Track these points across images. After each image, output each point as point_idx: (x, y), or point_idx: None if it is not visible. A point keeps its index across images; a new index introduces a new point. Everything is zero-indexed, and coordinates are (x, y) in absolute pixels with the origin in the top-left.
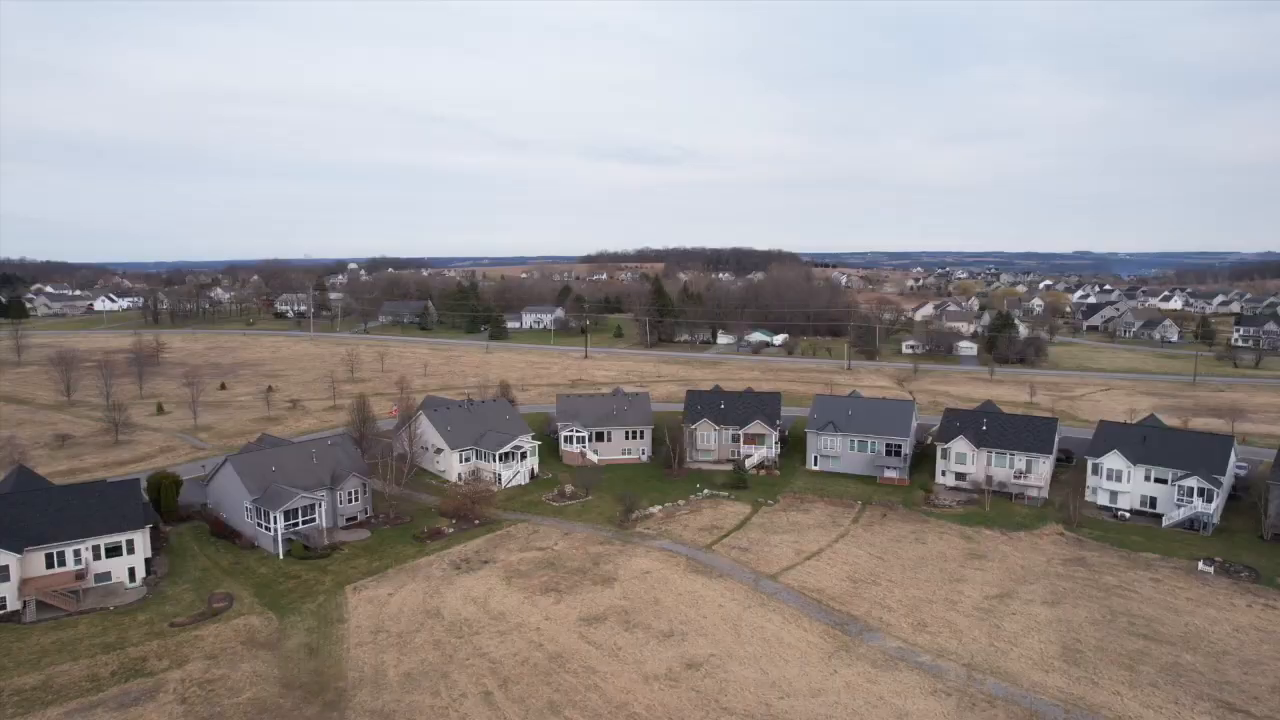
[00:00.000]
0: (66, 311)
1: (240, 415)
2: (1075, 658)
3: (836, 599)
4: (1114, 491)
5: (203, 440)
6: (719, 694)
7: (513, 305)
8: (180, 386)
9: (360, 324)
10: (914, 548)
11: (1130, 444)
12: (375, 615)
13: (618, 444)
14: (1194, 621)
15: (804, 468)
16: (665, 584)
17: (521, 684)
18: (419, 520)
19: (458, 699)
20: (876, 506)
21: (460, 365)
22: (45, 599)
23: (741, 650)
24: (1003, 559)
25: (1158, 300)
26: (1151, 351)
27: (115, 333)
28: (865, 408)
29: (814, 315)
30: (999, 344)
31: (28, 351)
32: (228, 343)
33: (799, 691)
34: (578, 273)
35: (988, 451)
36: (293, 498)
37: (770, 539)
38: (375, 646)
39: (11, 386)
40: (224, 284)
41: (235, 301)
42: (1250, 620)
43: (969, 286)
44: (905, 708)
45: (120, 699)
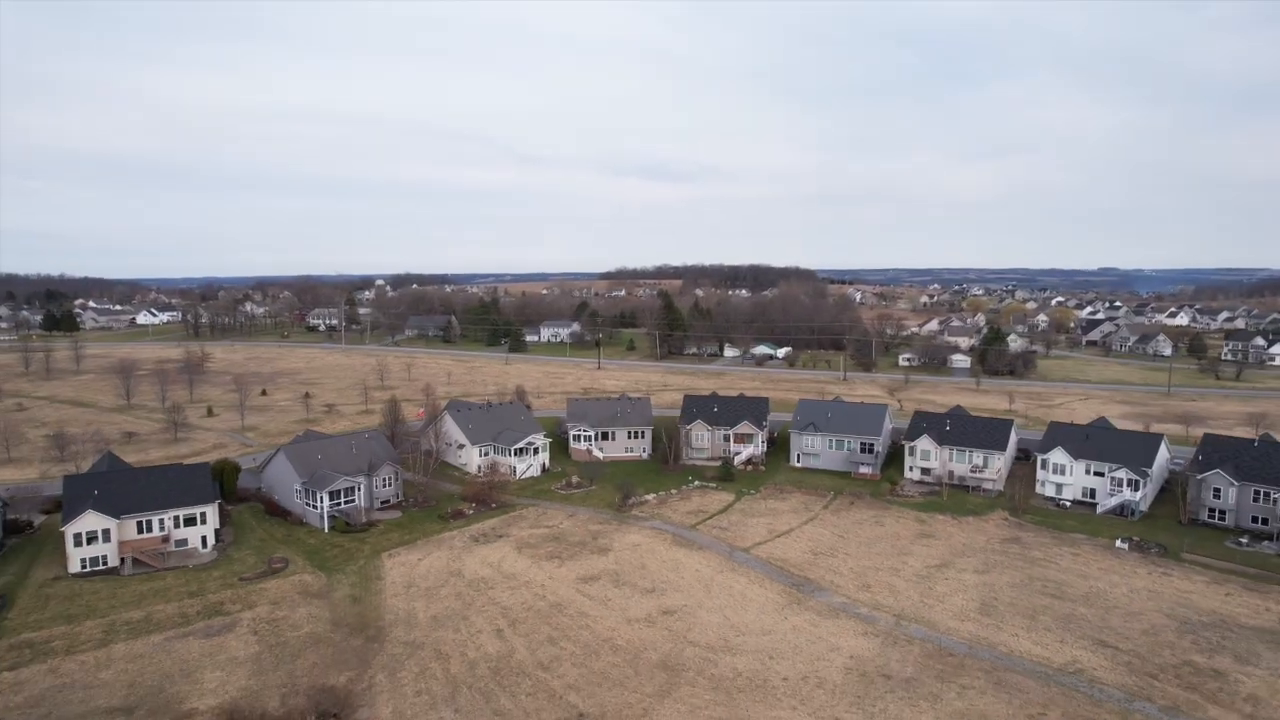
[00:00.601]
0: (112, 325)
1: (282, 417)
2: (989, 610)
3: (797, 567)
4: (1059, 484)
5: (250, 438)
6: (687, 632)
7: (532, 320)
8: (225, 392)
9: (388, 337)
10: (872, 529)
11: (1073, 442)
12: (407, 574)
13: (621, 443)
14: (1097, 585)
15: (787, 464)
16: (652, 553)
17: (527, 624)
18: (443, 504)
19: (475, 634)
20: (846, 496)
21: (481, 375)
22: (138, 557)
23: (710, 602)
24: (948, 538)
25: (1164, 316)
26: (1142, 365)
27: (161, 344)
28: (843, 411)
29: (817, 330)
30: (989, 357)
31: (84, 361)
32: (265, 354)
33: (752, 631)
34: (597, 289)
35: (949, 449)
36: (336, 481)
37: (748, 521)
38: (407, 597)
39: (75, 392)
40: (255, 299)
41: (269, 315)
42: (1146, 584)
43: (980, 303)
44: (838, 644)
45: (206, 630)
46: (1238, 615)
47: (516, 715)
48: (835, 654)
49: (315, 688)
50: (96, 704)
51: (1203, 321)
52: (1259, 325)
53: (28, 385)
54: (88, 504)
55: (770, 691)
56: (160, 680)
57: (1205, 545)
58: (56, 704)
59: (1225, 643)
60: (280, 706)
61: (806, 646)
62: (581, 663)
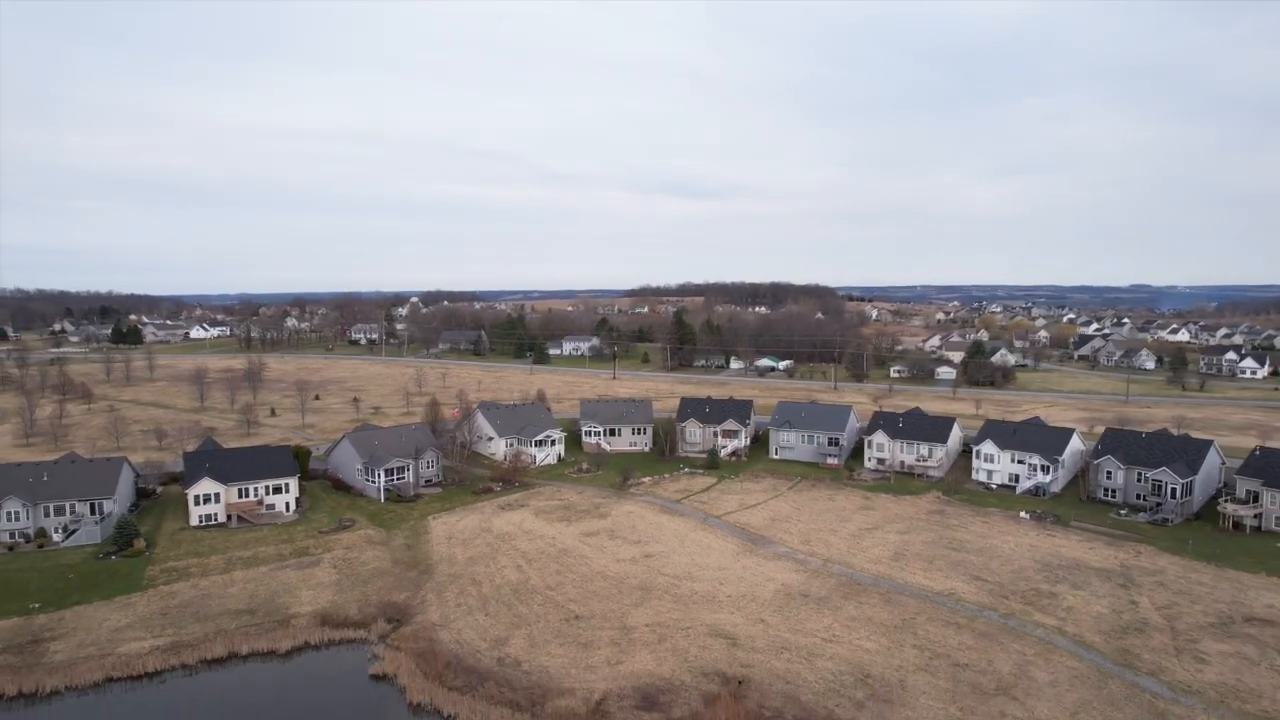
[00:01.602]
0: (169, 339)
1: (335, 417)
2: (898, 558)
3: (755, 528)
4: (989, 470)
5: (310, 434)
6: (660, 568)
7: (555, 334)
8: (283, 396)
9: (424, 350)
10: (825, 504)
11: (1002, 435)
12: (448, 530)
13: (625, 438)
14: (991, 542)
15: (767, 456)
16: (641, 518)
17: (539, 562)
18: (475, 483)
19: (500, 568)
20: (810, 480)
21: (507, 383)
22: (241, 515)
23: (681, 550)
24: (885, 510)
25: (1166, 333)
26: (1121, 377)
27: (218, 355)
28: (815, 411)
29: (819, 344)
30: (971, 369)
31: (156, 370)
32: (313, 365)
33: (710, 568)
34: (621, 306)
35: (900, 442)
36: (390, 461)
37: (723, 497)
38: (448, 545)
39: (154, 396)
40: (294, 315)
41: (312, 330)
42: (1030, 542)
43: (992, 321)
44: (774, 576)
45: (298, 565)
46: (1089, 560)
47: (530, 617)
48: (770, 582)
49: (382, 602)
50: (228, 607)
51: (1202, 338)
52: (1253, 342)
53: (113, 391)
54: (203, 473)
55: (716, 603)
56: (270, 594)
57: (1093, 516)
58: (201, 607)
59: (1069, 577)
60: (358, 613)
61: (749, 577)
62: (579, 585)
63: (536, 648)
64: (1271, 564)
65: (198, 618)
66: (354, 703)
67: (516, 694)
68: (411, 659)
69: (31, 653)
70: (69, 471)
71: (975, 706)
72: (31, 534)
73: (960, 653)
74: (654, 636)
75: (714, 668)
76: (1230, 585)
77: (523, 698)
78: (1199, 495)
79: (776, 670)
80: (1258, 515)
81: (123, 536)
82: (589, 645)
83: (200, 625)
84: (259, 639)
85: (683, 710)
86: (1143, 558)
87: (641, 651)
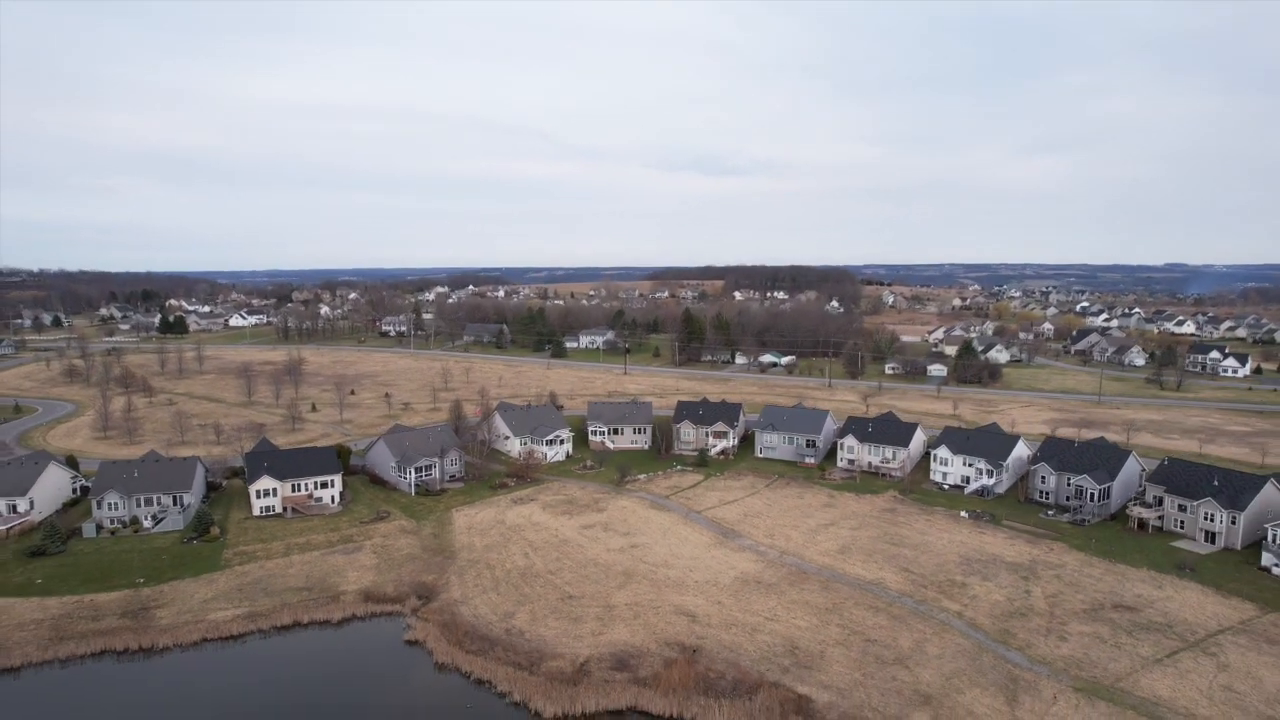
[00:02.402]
0: (211, 327)
1: (369, 413)
2: (844, 551)
3: (729, 523)
4: (944, 472)
5: (348, 429)
6: (643, 557)
7: (573, 327)
8: (322, 391)
9: (449, 342)
10: (794, 501)
11: (956, 440)
12: (468, 522)
13: (627, 436)
14: (928, 538)
15: (752, 455)
16: (633, 513)
17: (543, 551)
18: (493, 478)
19: (510, 555)
20: (785, 479)
21: (526, 379)
22: (294, 507)
23: (663, 541)
24: (844, 507)
25: (1172, 325)
26: (1109, 374)
27: (259, 346)
28: (796, 414)
29: (820, 340)
30: (959, 368)
31: (204, 362)
32: (347, 357)
33: (684, 557)
34: (641, 290)
35: (868, 444)
36: (420, 460)
37: (707, 493)
38: (468, 534)
39: (205, 389)
40: (325, 299)
41: (343, 317)
42: (961, 539)
43: (1005, 309)
44: (736, 565)
45: (343, 549)
46: (1005, 555)
47: (533, 596)
48: (732, 570)
49: (414, 582)
50: (290, 585)
51: (1206, 330)
52: (1255, 335)
53: (168, 383)
54: (263, 471)
55: (685, 587)
56: (323, 575)
57: (1025, 516)
58: (269, 583)
59: (983, 570)
60: (394, 591)
61: (715, 566)
62: (574, 571)
63: (536, 621)
64: (1157, 560)
65: (267, 593)
66: (392, 663)
67: (519, 657)
68: (437, 629)
69: (143, 617)
70: (154, 468)
71: (874, 672)
72: (127, 521)
73: (873, 631)
74: (630, 614)
75: (675, 639)
76: (1115, 578)
77: (524, 660)
78: (1117, 499)
79: (724, 641)
80: (1160, 517)
81: (201, 524)
82: (578, 620)
83: (269, 599)
84: (316, 611)
85: (647, 671)
86: (1052, 554)
87: (619, 625)
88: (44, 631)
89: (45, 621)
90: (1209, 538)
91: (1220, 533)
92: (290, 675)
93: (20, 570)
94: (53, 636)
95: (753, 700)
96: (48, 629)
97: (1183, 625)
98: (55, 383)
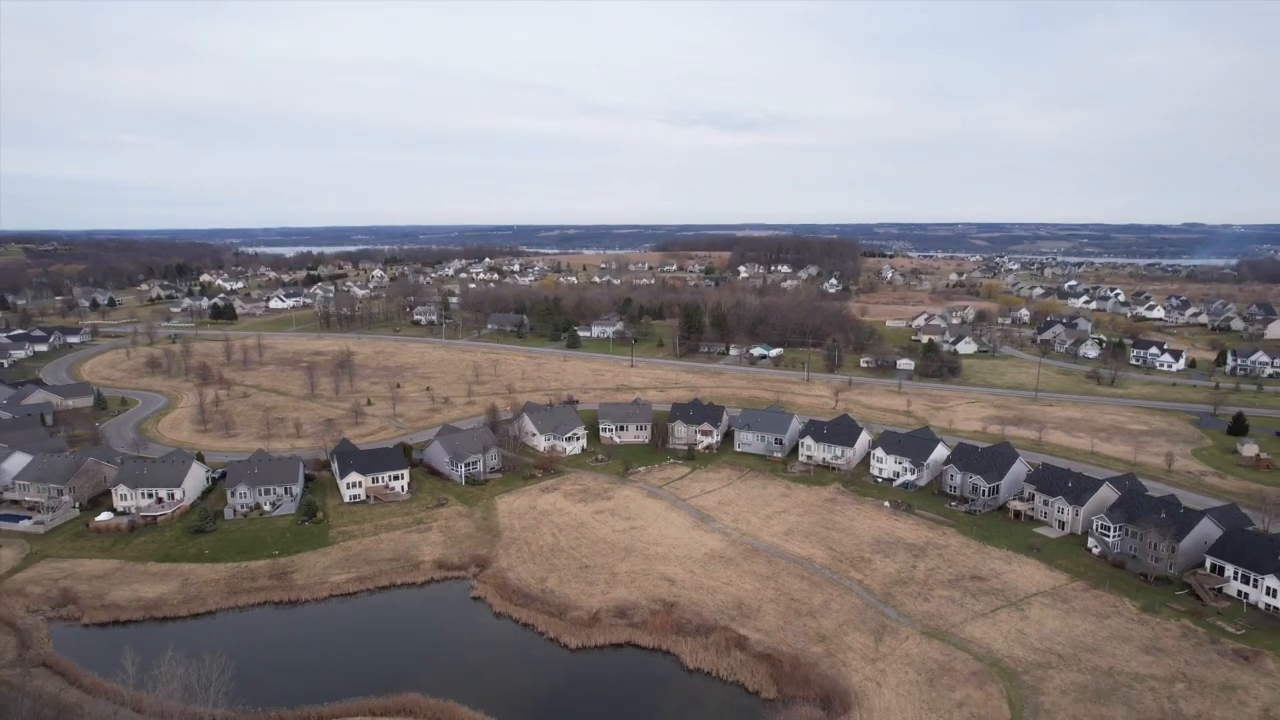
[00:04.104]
0: (254, 312)
1: (416, 406)
2: (788, 533)
3: (706, 509)
4: (880, 468)
5: (401, 423)
6: (639, 536)
7: (586, 316)
8: (372, 384)
9: (475, 332)
10: (759, 491)
11: (890, 442)
12: (508, 508)
13: (631, 432)
14: (855, 524)
15: (732, 450)
16: (634, 501)
17: (566, 531)
18: (525, 470)
19: (541, 535)
20: (754, 472)
21: (545, 371)
22: (374, 495)
23: (655, 524)
24: (797, 497)
25: (1144, 309)
26: (1057, 367)
27: (305, 335)
28: (767, 416)
29: (807, 332)
30: (920, 366)
31: (265, 353)
32: (387, 348)
33: (671, 537)
34: (650, 262)
35: (822, 444)
36: (467, 456)
37: (691, 484)
38: (509, 518)
39: (270, 381)
40: (351, 275)
41: (374, 297)
42: (880, 524)
43: (995, 287)
44: (706, 544)
45: (417, 529)
46: (907, 538)
47: (559, 565)
48: (703, 548)
49: (473, 555)
50: (382, 556)
51: (1173, 316)
52: (1214, 323)
53: (236, 374)
54: (351, 467)
55: (668, 560)
56: (405, 549)
57: (934, 506)
58: (367, 555)
59: (887, 549)
60: (459, 561)
61: (691, 544)
62: (589, 547)
63: (563, 584)
64: (1018, 542)
65: (367, 561)
66: (463, 614)
67: (551, 608)
68: (493, 589)
69: (283, 579)
70: (268, 465)
71: (792, 621)
72: (252, 507)
73: (797, 593)
74: (629, 579)
75: (658, 597)
76: (980, 556)
77: (555, 610)
78: (1005, 494)
79: (693, 599)
80: (1032, 509)
81: (309, 510)
82: (592, 583)
83: (369, 566)
84: (404, 575)
85: (639, 618)
86: (943, 537)
87: (620, 587)
88: (221, 587)
89: (220, 581)
90: (1061, 526)
91: (1068, 522)
92: (392, 622)
93: (190, 544)
94: (228, 591)
95: (709, 638)
96: (224, 586)
97: (1011, 590)
98: (139, 372)
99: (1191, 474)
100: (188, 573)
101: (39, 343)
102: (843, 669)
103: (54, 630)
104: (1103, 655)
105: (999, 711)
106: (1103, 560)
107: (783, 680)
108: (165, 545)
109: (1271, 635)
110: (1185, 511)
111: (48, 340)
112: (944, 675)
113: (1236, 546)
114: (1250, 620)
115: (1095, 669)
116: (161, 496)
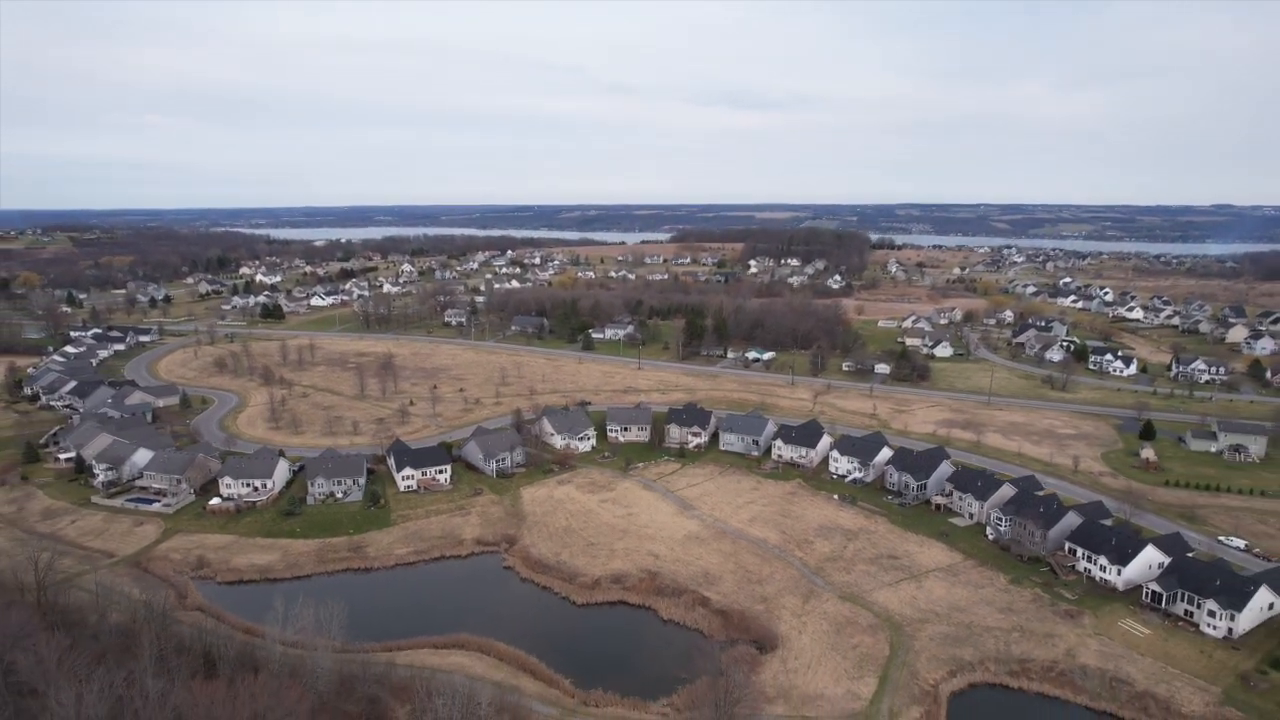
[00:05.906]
0: (298, 310)
1: (451, 406)
2: (753, 520)
3: (690, 499)
4: (836, 467)
5: (440, 422)
6: (634, 521)
7: (600, 318)
8: (412, 385)
9: (500, 332)
10: (734, 485)
11: (844, 445)
12: (531, 497)
13: (634, 432)
14: (807, 513)
15: (718, 449)
16: (632, 492)
17: (577, 516)
18: (544, 465)
19: (558, 519)
20: (733, 468)
21: (563, 374)
22: (424, 485)
23: (647, 512)
24: (764, 490)
25: (1124, 309)
26: (1021, 371)
27: (348, 336)
28: (747, 419)
29: (800, 336)
30: (894, 371)
31: (316, 353)
32: (422, 349)
33: (659, 522)
34: (665, 254)
35: (791, 445)
36: (498, 453)
37: (680, 478)
38: (532, 505)
39: (324, 381)
40: (381, 268)
41: (405, 293)
42: (827, 514)
43: (990, 285)
44: (686, 527)
45: (460, 514)
46: (846, 525)
47: (571, 543)
48: (683, 530)
49: (504, 535)
50: (433, 534)
51: (1149, 319)
52: (1184, 325)
53: (293, 374)
54: (405, 462)
55: (656, 540)
56: (450, 529)
57: (875, 500)
58: (421, 533)
59: (828, 534)
60: (493, 539)
61: (675, 528)
62: (594, 529)
63: (574, 557)
64: (933, 530)
65: (421, 539)
66: (498, 579)
67: (564, 575)
68: (520, 560)
69: (359, 551)
70: (338, 460)
71: (744, 587)
72: (327, 494)
73: (751, 566)
74: (624, 554)
75: (645, 568)
76: (900, 540)
77: (567, 577)
78: (931, 490)
79: (672, 570)
80: (950, 503)
81: (373, 497)
82: (595, 557)
83: (424, 542)
84: (451, 549)
85: (629, 584)
86: (875, 525)
87: (617, 560)
88: (312, 557)
89: (311, 552)
90: (970, 517)
91: (975, 514)
92: (444, 584)
93: (284, 524)
94: (318, 560)
95: (680, 598)
96: (314, 556)
97: (916, 567)
98: (209, 371)
99: (1091, 474)
100: (285, 546)
101: (117, 342)
102: (775, 621)
103: (198, 585)
104: (968, 614)
105: (881, 651)
106: (995, 544)
107: (731, 628)
108: (266, 524)
109: (1096, 600)
110: (1058, 506)
111: (124, 340)
112: (848, 626)
113: (1087, 534)
114: (1085, 589)
115: (959, 624)
116: (257, 485)
